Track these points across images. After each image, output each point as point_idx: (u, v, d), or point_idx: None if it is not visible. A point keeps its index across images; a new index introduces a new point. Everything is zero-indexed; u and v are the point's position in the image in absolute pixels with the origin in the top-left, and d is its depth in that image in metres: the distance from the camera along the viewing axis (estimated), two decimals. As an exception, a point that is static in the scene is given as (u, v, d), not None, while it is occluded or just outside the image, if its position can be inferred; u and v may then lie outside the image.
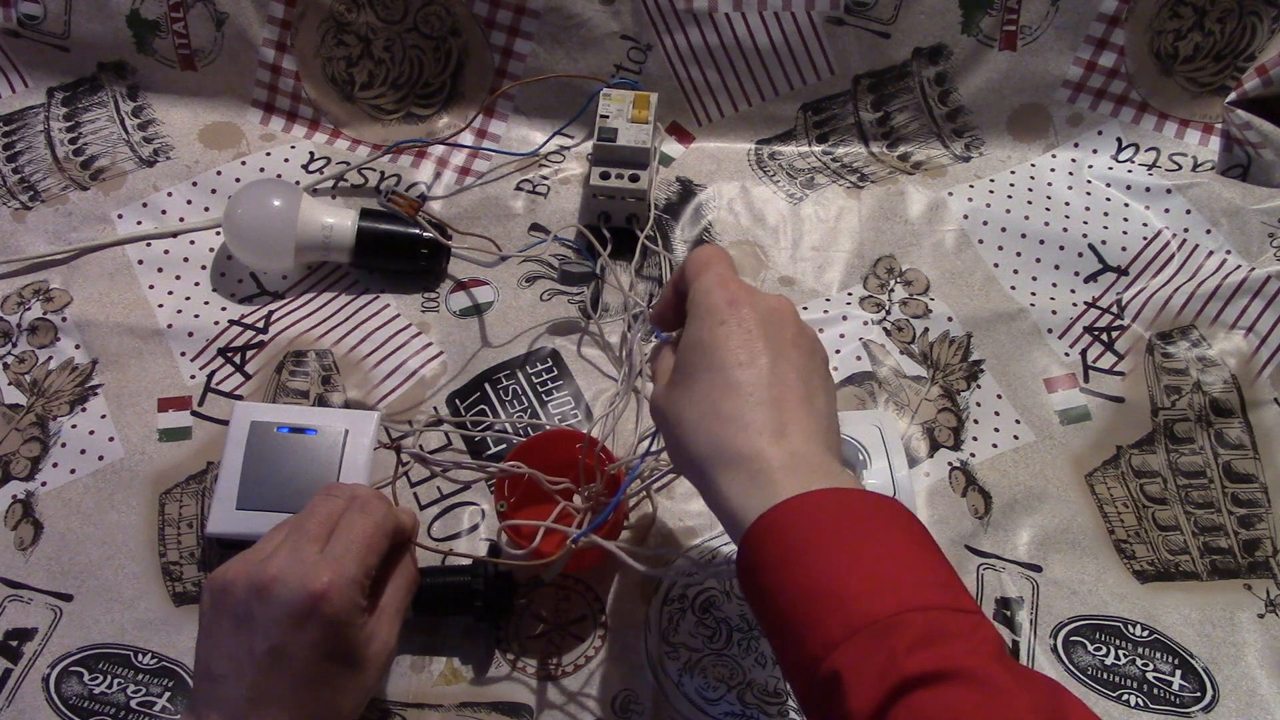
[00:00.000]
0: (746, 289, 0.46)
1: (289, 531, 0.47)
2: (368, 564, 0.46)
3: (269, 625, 0.44)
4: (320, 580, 0.44)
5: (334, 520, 0.48)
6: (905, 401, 0.72)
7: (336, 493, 0.50)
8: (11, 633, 0.62)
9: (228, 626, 0.45)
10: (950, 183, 0.84)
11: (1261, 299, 0.75)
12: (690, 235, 0.80)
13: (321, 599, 0.43)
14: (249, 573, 0.45)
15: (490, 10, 0.82)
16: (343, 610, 0.44)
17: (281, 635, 0.43)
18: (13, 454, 0.69)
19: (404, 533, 0.51)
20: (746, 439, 0.42)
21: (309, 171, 0.83)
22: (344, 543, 0.46)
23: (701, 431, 0.43)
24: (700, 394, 0.44)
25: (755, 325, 0.44)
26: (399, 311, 0.76)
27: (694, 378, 0.44)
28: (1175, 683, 0.61)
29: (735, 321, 0.44)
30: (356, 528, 0.47)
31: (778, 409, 0.42)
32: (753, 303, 0.45)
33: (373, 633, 0.47)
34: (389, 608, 0.49)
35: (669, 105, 0.85)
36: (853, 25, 0.82)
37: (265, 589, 0.44)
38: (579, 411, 0.71)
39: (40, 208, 0.80)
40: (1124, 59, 0.83)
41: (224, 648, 0.45)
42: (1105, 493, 0.69)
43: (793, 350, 0.45)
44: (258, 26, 0.82)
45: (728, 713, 0.59)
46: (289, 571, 0.44)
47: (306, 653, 0.44)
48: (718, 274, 0.46)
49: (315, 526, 0.47)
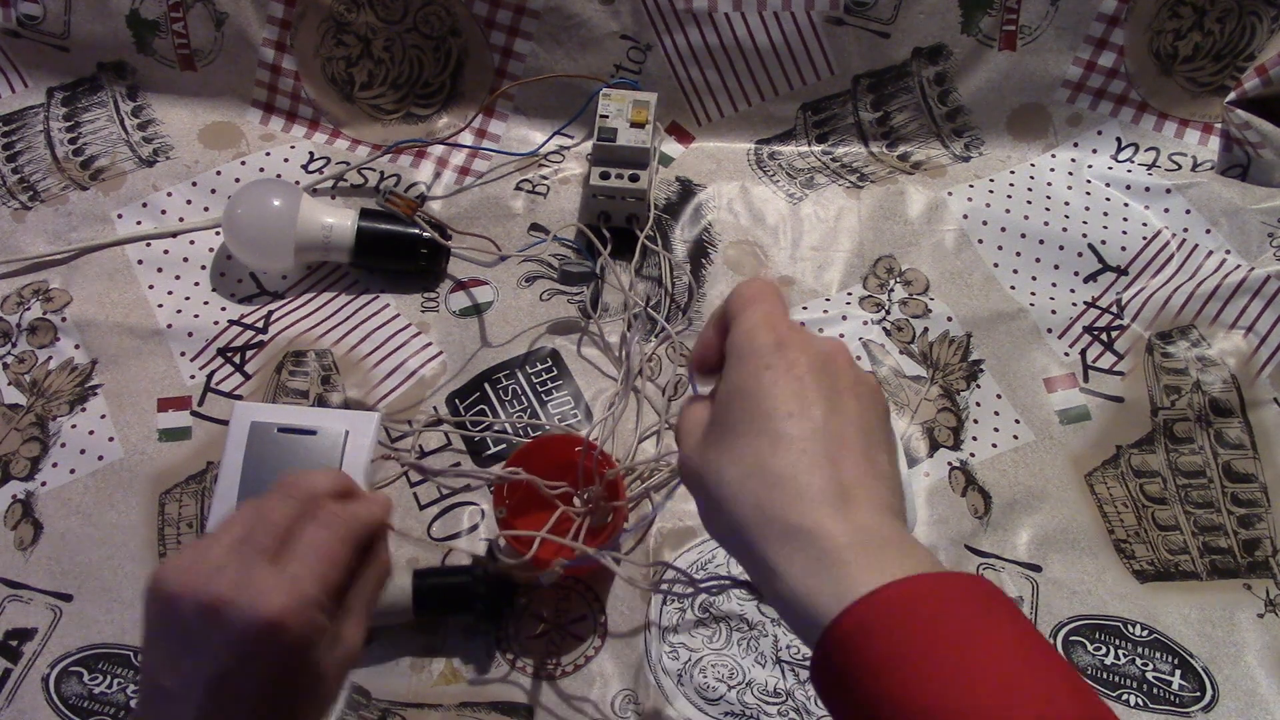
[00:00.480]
0: (796, 330, 0.40)
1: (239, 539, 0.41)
2: (329, 581, 0.41)
3: (219, 649, 0.39)
4: (274, 605, 0.39)
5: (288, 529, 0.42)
6: (905, 401, 0.72)
7: (293, 493, 0.43)
8: (11, 633, 0.62)
9: (175, 642, 0.40)
10: (950, 182, 0.84)
11: (1261, 299, 0.75)
12: (690, 235, 0.80)
13: (276, 626, 0.38)
14: (195, 589, 0.39)
15: (490, 10, 0.82)
16: (300, 636, 0.39)
17: (231, 663, 0.39)
18: (12, 454, 0.69)
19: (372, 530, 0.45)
20: (802, 508, 0.36)
21: (309, 171, 0.83)
22: (300, 560, 0.41)
23: (746, 494, 0.37)
24: (743, 450, 0.38)
25: (806, 371, 0.38)
26: (399, 311, 0.76)
27: (735, 431, 0.38)
28: (1175, 682, 0.61)
29: (784, 366, 0.38)
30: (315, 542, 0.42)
31: (836, 469, 0.37)
32: (804, 346, 0.39)
33: (335, 638, 0.42)
34: (356, 606, 0.44)
35: (669, 105, 0.85)
36: (852, 25, 0.82)
37: (213, 610, 0.39)
38: (578, 411, 0.71)
39: (40, 208, 0.80)
40: (1123, 59, 0.83)
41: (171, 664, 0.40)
42: (1105, 492, 0.69)
43: (851, 400, 0.39)
44: (257, 26, 0.82)
45: (728, 713, 0.59)
46: (239, 594, 0.39)
47: (260, 680, 0.39)
48: (763, 312, 0.41)
49: (266, 536, 0.41)
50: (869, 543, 0.35)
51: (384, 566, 0.46)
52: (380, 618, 0.60)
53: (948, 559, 0.65)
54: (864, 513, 0.36)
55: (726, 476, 0.38)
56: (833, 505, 0.36)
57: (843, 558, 0.34)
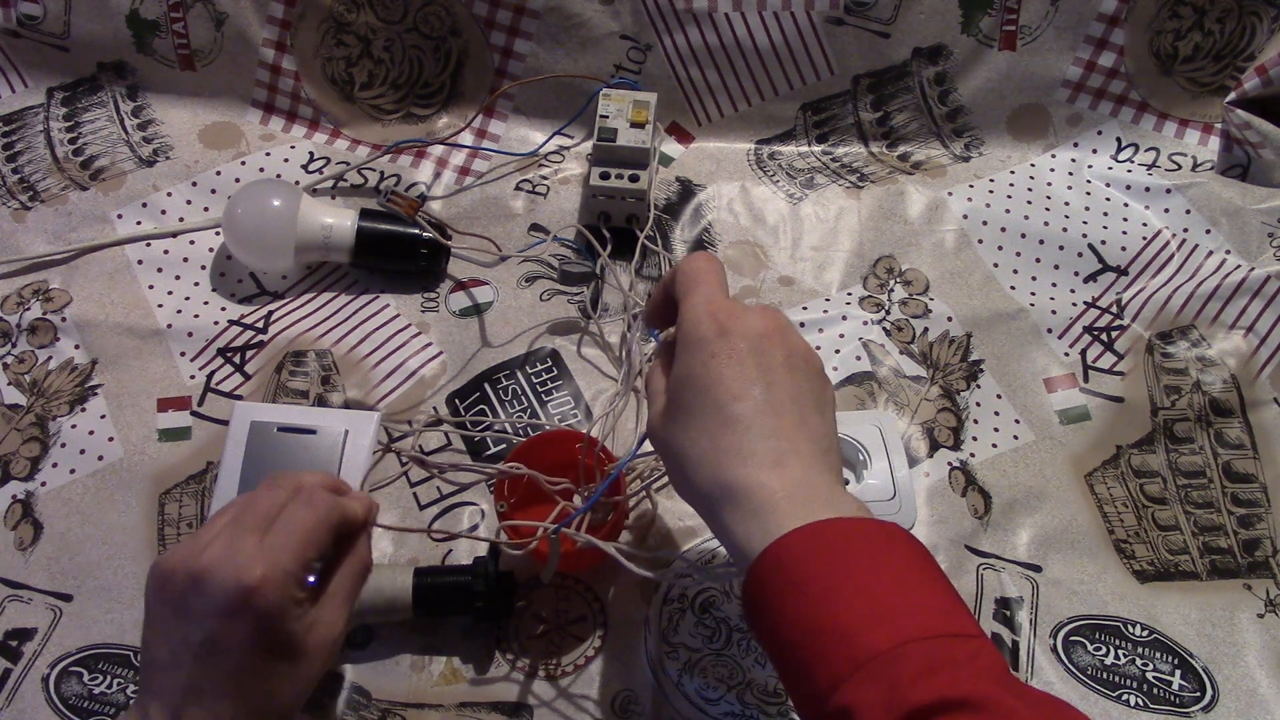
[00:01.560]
0: (733, 313, 0.46)
1: (230, 520, 0.46)
2: (305, 557, 0.45)
3: (204, 616, 0.43)
4: (253, 573, 0.43)
5: (275, 511, 0.47)
6: (905, 401, 0.72)
7: (281, 483, 0.49)
8: (11, 633, 0.62)
9: (167, 615, 0.45)
10: (950, 183, 0.84)
11: (1261, 299, 0.75)
12: (690, 235, 0.80)
13: (254, 592, 0.43)
14: (186, 561, 0.44)
15: (490, 10, 0.82)
16: (275, 604, 0.44)
17: (216, 626, 0.43)
18: (12, 454, 0.69)
19: (353, 523, 0.50)
20: (746, 472, 0.43)
21: (309, 171, 0.83)
22: (282, 535, 0.45)
23: (704, 466, 0.44)
24: (699, 429, 0.45)
25: (746, 354, 0.45)
26: (399, 311, 0.76)
27: (690, 412, 0.45)
28: (1175, 682, 0.61)
29: (726, 354, 0.45)
30: (296, 520, 0.46)
31: (775, 438, 0.44)
32: (742, 329, 0.46)
33: (315, 621, 0.46)
34: (336, 595, 0.48)
35: (669, 105, 0.85)
36: (852, 25, 0.82)
37: (200, 579, 0.44)
38: (578, 411, 0.71)
39: (40, 208, 0.80)
40: (1123, 59, 0.83)
41: (164, 636, 0.45)
42: (1105, 492, 0.69)
43: (784, 374, 0.45)
44: (257, 26, 0.82)
45: (728, 713, 0.59)
46: (223, 562, 0.44)
47: (241, 644, 0.43)
48: (705, 297, 0.47)
49: (254, 517, 0.46)
50: (798, 495, 0.42)
51: (363, 561, 0.50)
52: (380, 614, 0.60)
53: (948, 559, 0.65)
54: (797, 470, 0.43)
55: (688, 451, 0.45)
56: (771, 467, 0.43)
57: (776, 509, 0.42)
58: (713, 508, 0.44)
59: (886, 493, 0.63)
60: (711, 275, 0.48)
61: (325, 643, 0.47)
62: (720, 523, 0.44)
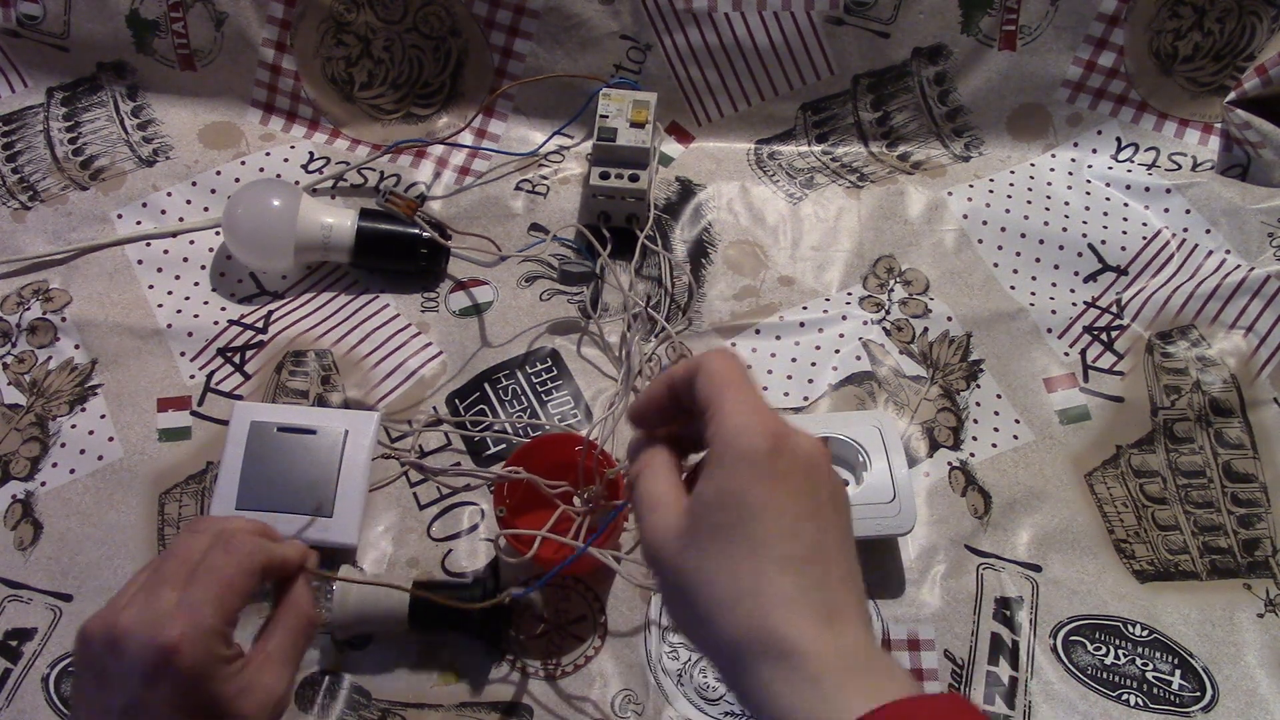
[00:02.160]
0: (783, 428, 0.39)
1: (149, 574, 0.43)
2: (228, 608, 0.42)
3: (123, 681, 0.40)
4: (171, 632, 0.40)
5: (195, 560, 0.43)
6: (905, 401, 0.72)
7: (201, 528, 0.45)
8: (11, 633, 0.62)
9: (89, 681, 0.42)
10: (950, 182, 0.84)
11: (1261, 299, 0.75)
12: (690, 235, 0.80)
13: (173, 652, 0.40)
14: (104, 627, 0.41)
15: (490, 10, 0.82)
16: (198, 663, 0.40)
17: (136, 692, 0.40)
18: (12, 454, 0.69)
19: (284, 567, 0.46)
20: (797, 628, 0.36)
21: (309, 171, 0.83)
22: (202, 586, 0.42)
23: (740, 613, 0.36)
24: (735, 563, 0.37)
25: (799, 484, 0.38)
26: (399, 311, 0.76)
27: (726, 541, 0.37)
28: (1175, 682, 0.61)
29: (781, 478, 0.38)
30: (217, 567, 0.43)
31: (826, 591, 0.37)
32: (793, 452, 0.38)
33: (249, 683, 0.42)
34: (276, 653, 0.44)
35: (669, 105, 0.85)
36: (852, 25, 0.82)
37: (117, 643, 0.41)
38: (578, 411, 0.71)
39: (40, 208, 0.80)
40: (1123, 59, 0.83)
41: (86, 704, 0.42)
42: (1105, 492, 0.69)
43: (831, 511, 0.39)
44: (257, 26, 0.82)
45: (728, 713, 0.59)
46: (140, 623, 0.41)
47: (165, 711, 0.40)
48: (749, 404, 0.39)
49: (173, 568, 0.43)
50: (857, 665, 0.35)
51: (304, 615, 0.46)
52: (376, 625, 0.60)
53: (948, 559, 0.65)
54: (850, 632, 0.36)
55: (718, 592, 0.37)
56: (823, 626, 0.36)
57: (835, 680, 0.35)
58: (744, 662, 0.36)
59: (886, 493, 0.63)
60: (745, 377, 0.41)
61: (265, 706, 0.43)
62: (754, 681, 0.36)
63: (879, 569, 0.65)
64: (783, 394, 0.72)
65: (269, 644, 0.45)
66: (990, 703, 0.60)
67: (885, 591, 0.64)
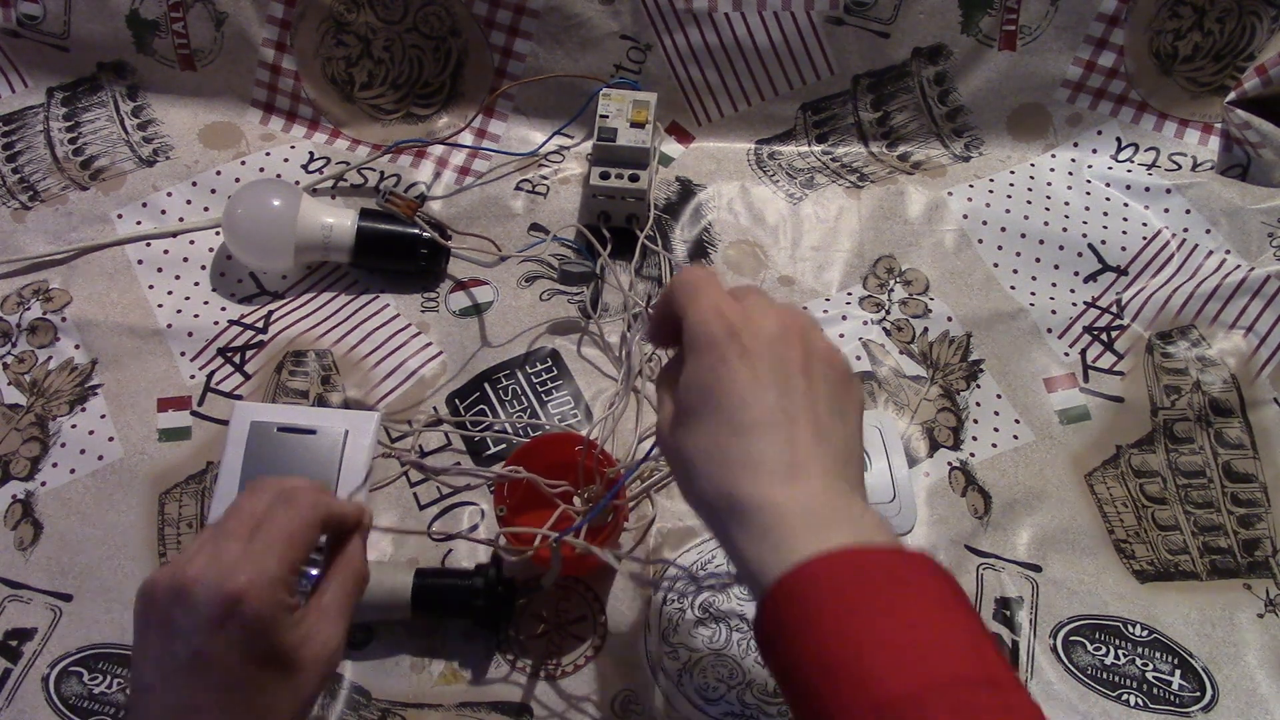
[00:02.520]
0: (745, 313, 0.43)
1: (213, 530, 0.45)
2: (291, 559, 0.44)
3: (190, 630, 0.41)
4: (238, 580, 0.41)
5: (258, 516, 0.45)
6: (905, 401, 0.72)
7: (262, 488, 0.47)
8: (11, 633, 0.62)
9: (154, 634, 0.43)
10: (950, 182, 0.84)
11: (1261, 299, 0.75)
12: (690, 235, 0.80)
13: (240, 599, 0.41)
14: (171, 576, 0.43)
15: (490, 10, 0.82)
16: (264, 610, 0.42)
17: (203, 640, 0.41)
18: (12, 454, 0.69)
19: (342, 523, 0.48)
20: (755, 484, 0.40)
21: (309, 171, 0.83)
22: (266, 539, 0.44)
23: (712, 477, 0.41)
24: (706, 436, 0.41)
25: (759, 356, 0.42)
26: (399, 311, 0.76)
27: (697, 418, 0.42)
28: (1175, 682, 0.61)
29: (736, 356, 0.42)
30: (279, 521, 0.44)
31: (788, 447, 0.40)
32: (754, 329, 0.42)
33: (309, 633, 0.44)
34: (332, 605, 0.46)
35: (669, 105, 0.85)
36: (852, 25, 0.82)
37: (184, 592, 0.42)
38: (579, 411, 0.71)
39: (40, 208, 0.80)
40: (1123, 59, 0.83)
41: (152, 656, 0.43)
42: (1105, 492, 0.69)
43: (800, 378, 0.42)
44: (257, 26, 0.82)
45: (728, 713, 0.59)
46: (207, 572, 0.42)
47: (231, 657, 0.41)
48: (710, 301, 0.43)
49: (237, 524, 0.44)
50: (813, 513, 0.39)
51: (358, 570, 0.48)
52: (379, 611, 0.60)
53: (948, 559, 0.65)
54: (813, 484, 0.40)
55: (694, 459, 0.42)
56: (782, 480, 0.39)
57: (790, 531, 0.38)
58: (720, 522, 0.41)
59: (886, 494, 0.63)
60: (711, 282, 0.45)
61: (321, 657, 0.45)
62: (728, 539, 0.40)
63: (879, 569, 0.65)
64: (783, 394, 0.72)
65: (323, 597, 0.46)
66: (990, 703, 0.60)
67: (885, 591, 0.64)
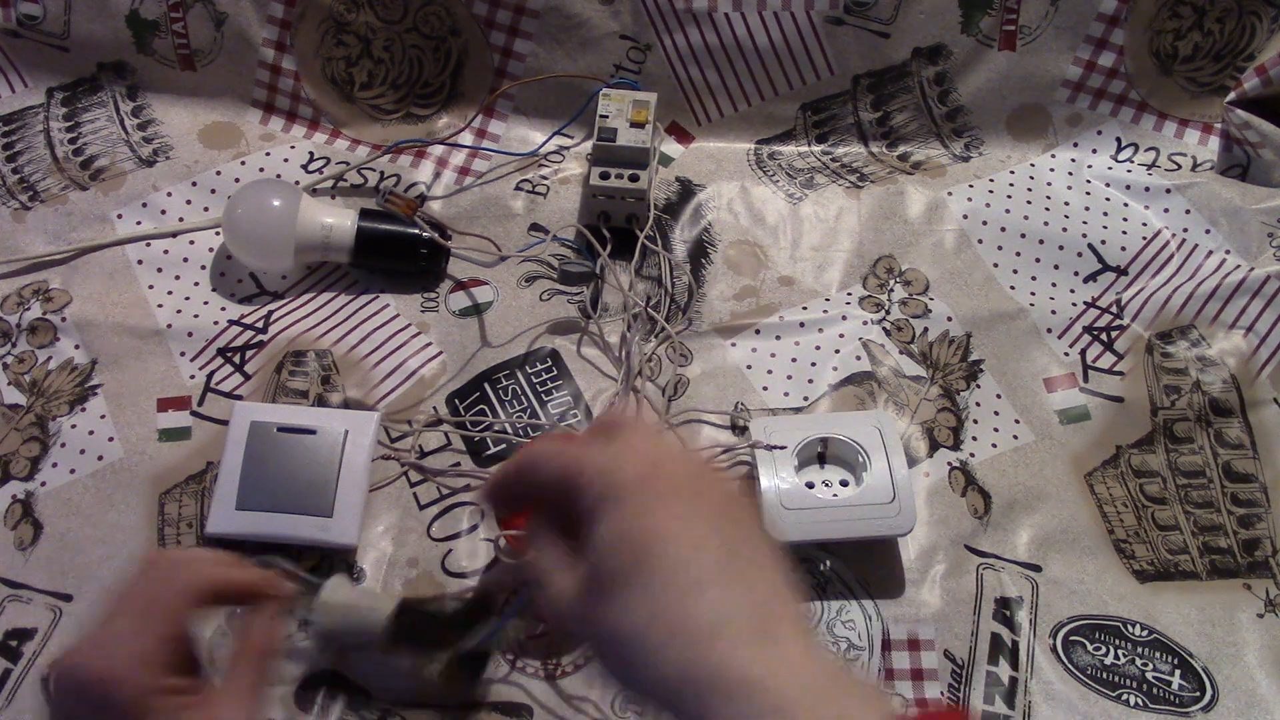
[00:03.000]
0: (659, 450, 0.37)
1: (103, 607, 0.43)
2: (158, 633, 0.41)
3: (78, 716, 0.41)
4: (102, 663, 0.40)
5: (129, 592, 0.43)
6: (905, 401, 0.72)
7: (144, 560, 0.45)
8: (11, 633, 0.62)
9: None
10: (950, 182, 0.84)
11: (1261, 299, 0.75)
12: (690, 235, 0.80)
13: (106, 684, 0.39)
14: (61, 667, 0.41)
15: (490, 10, 0.82)
16: (130, 694, 0.39)
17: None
18: (12, 454, 0.69)
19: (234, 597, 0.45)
20: (735, 654, 0.33)
21: (309, 171, 0.83)
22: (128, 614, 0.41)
23: (667, 654, 0.33)
24: (644, 605, 0.34)
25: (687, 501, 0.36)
26: (399, 311, 0.76)
27: (627, 584, 0.34)
28: (1175, 682, 0.61)
29: (671, 497, 0.35)
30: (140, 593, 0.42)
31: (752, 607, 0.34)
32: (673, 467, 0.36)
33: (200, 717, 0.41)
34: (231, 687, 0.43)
35: (669, 105, 0.85)
36: (852, 25, 0.82)
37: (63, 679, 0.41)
38: (578, 411, 0.71)
39: (40, 208, 0.80)
40: (1123, 59, 0.83)
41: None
42: (1105, 492, 0.69)
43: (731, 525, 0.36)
44: (257, 26, 0.82)
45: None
46: (83, 655, 0.40)
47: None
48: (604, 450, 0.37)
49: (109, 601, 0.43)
50: (812, 690, 0.32)
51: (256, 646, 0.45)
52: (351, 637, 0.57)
53: (948, 559, 0.65)
54: (792, 645, 0.33)
55: (635, 635, 0.34)
56: (758, 643, 0.33)
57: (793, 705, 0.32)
58: (690, 706, 0.33)
59: (886, 493, 0.63)
60: (584, 437, 0.39)
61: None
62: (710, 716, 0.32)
63: (879, 569, 0.65)
64: (783, 394, 0.72)
65: (228, 678, 0.44)
66: (990, 703, 0.60)
67: (885, 591, 0.64)
